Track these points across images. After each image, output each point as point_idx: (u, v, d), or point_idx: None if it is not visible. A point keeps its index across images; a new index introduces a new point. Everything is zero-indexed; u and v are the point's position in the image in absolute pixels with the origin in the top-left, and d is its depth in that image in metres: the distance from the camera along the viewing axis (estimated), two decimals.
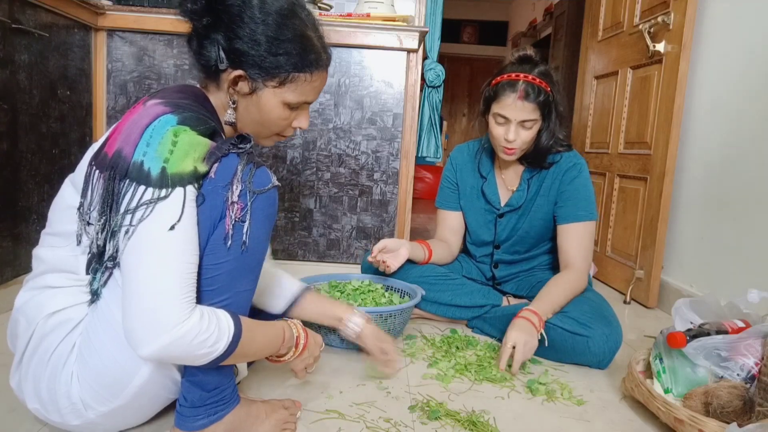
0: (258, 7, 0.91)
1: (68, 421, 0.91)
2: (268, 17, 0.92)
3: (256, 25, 0.91)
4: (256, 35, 0.91)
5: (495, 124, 1.57)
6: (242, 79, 0.95)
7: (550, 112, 1.55)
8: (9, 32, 1.55)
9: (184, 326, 0.79)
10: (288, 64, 0.94)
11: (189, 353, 0.81)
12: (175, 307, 0.79)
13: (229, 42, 0.92)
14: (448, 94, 7.55)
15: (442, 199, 1.84)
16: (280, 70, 0.94)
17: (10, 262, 1.61)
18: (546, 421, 1.16)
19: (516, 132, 1.53)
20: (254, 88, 0.95)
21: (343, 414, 1.13)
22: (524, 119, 1.52)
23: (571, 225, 1.60)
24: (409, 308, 1.52)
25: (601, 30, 2.65)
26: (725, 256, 1.84)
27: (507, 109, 1.52)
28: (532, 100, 1.50)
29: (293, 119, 1.02)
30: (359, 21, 2.13)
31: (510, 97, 1.50)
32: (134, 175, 0.82)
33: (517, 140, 1.54)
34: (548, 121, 1.56)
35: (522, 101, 1.50)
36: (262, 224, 0.90)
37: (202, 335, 0.81)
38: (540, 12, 5.77)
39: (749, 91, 1.77)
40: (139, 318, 0.79)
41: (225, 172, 0.87)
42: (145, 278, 0.79)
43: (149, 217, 0.80)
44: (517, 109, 1.51)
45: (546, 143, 1.58)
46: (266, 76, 0.94)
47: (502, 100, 1.52)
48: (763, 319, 1.20)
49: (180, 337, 0.79)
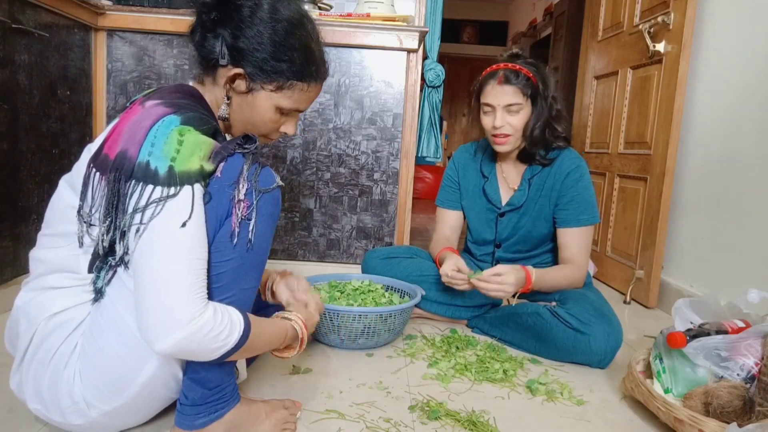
0: (269, 11, 0.94)
1: (70, 421, 0.91)
2: (278, 23, 0.94)
3: (265, 28, 0.93)
4: (263, 38, 0.94)
5: (483, 115, 1.61)
6: (241, 78, 0.96)
7: (536, 96, 1.57)
8: (9, 32, 1.55)
9: (200, 320, 0.80)
10: (289, 72, 0.97)
11: (203, 347, 0.82)
12: (191, 302, 0.80)
13: (234, 39, 0.94)
14: (448, 94, 7.54)
15: (444, 197, 1.85)
16: (280, 75, 0.97)
17: (10, 262, 1.61)
18: (546, 421, 1.16)
19: (502, 118, 1.56)
20: (251, 88, 0.98)
21: (343, 414, 1.13)
22: (508, 103, 1.55)
23: (572, 229, 1.61)
24: (409, 308, 1.52)
25: (601, 30, 2.65)
26: (725, 256, 1.84)
27: (489, 96, 1.57)
28: (513, 83, 1.54)
29: (282, 124, 1.05)
30: (359, 21, 2.13)
31: (491, 84, 1.56)
32: (140, 175, 0.82)
33: (505, 126, 1.57)
34: (536, 106, 1.57)
35: (502, 85, 1.54)
36: (267, 223, 0.92)
37: (216, 329, 0.82)
38: (540, 12, 5.78)
39: (749, 91, 1.77)
40: (154, 314, 0.79)
41: (231, 171, 0.88)
42: (160, 275, 0.80)
43: (160, 215, 0.81)
44: (497, 94, 1.55)
45: (538, 132, 1.58)
46: (265, 79, 0.97)
47: (485, 90, 1.58)
48: (763, 319, 1.20)
49: (195, 332, 0.80)
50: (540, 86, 1.56)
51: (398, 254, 1.82)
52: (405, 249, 1.87)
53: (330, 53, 1.07)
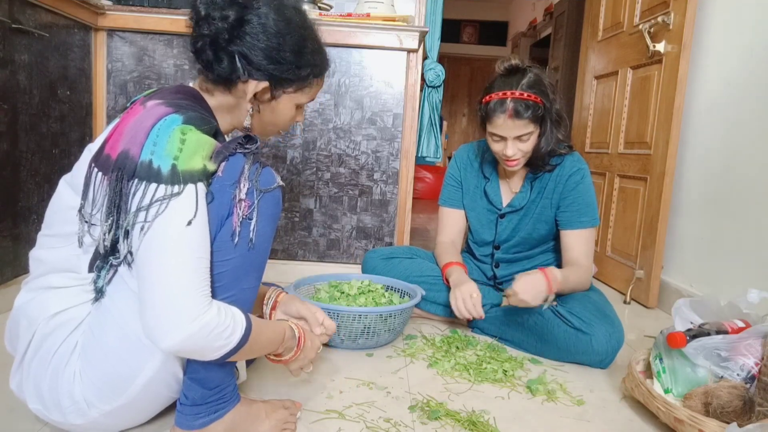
0: (283, 22, 0.95)
1: (71, 421, 0.91)
2: (293, 32, 0.96)
3: (282, 40, 0.95)
4: (282, 49, 0.95)
5: (492, 141, 1.58)
6: (266, 90, 0.98)
7: (545, 120, 1.54)
8: (9, 32, 1.55)
9: (204, 318, 0.80)
10: (311, 74, 1.01)
11: (207, 345, 0.82)
12: (195, 300, 0.80)
13: (253, 56, 0.94)
14: (448, 94, 7.55)
15: (446, 197, 1.84)
16: (302, 80, 1.01)
17: (10, 262, 1.61)
18: (546, 421, 1.16)
19: (513, 147, 1.54)
20: (274, 96, 1.00)
21: (343, 414, 1.13)
22: (519, 135, 1.52)
23: (574, 231, 1.61)
24: (409, 308, 1.52)
25: (601, 30, 2.65)
26: (725, 256, 1.84)
27: (499, 129, 1.52)
28: (523, 117, 1.49)
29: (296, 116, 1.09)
30: (359, 21, 2.13)
31: (500, 118, 1.50)
32: (143, 174, 0.82)
33: (517, 153, 1.55)
34: (545, 127, 1.55)
35: (512, 120, 1.49)
36: (268, 222, 0.92)
37: (219, 327, 0.82)
38: (540, 12, 5.78)
39: (749, 91, 1.77)
40: (159, 311, 0.79)
41: (232, 171, 0.88)
42: (165, 273, 0.80)
43: (164, 213, 0.81)
44: (509, 128, 1.51)
45: (546, 148, 1.57)
46: (287, 86, 1.00)
47: (494, 121, 1.52)
48: (763, 319, 1.20)
49: (200, 329, 0.80)
50: (547, 105, 1.53)
51: (398, 254, 1.82)
52: (405, 249, 1.87)
53: (330, 53, 1.08)
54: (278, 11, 0.95)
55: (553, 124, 1.56)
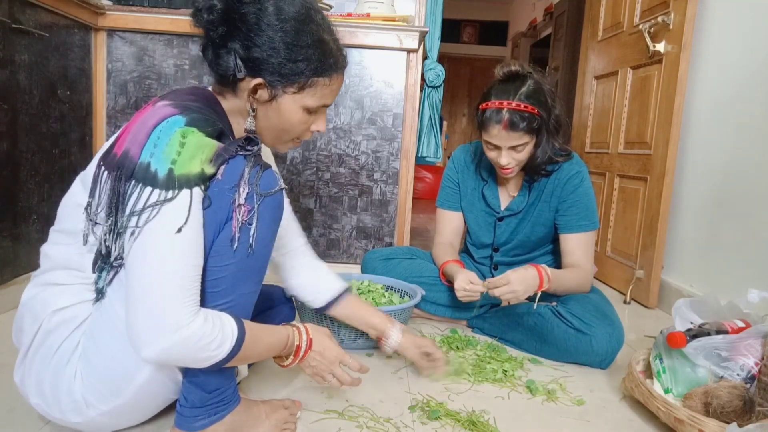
0: (275, 14, 0.90)
1: (69, 419, 0.91)
2: (286, 24, 0.90)
3: (275, 32, 0.90)
4: (275, 42, 0.90)
5: (487, 149, 1.56)
6: (261, 87, 0.93)
7: (541, 131, 1.52)
8: (9, 32, 1.55)
9: (188, 329, 0.79)
10: (308, 70, 0.93)
11: (191, 356, 0.81)
12: (179, 309, 0.79)
13: (247, 50, 0.90)
14: (448, 94, 7.55)
15: (444, 198, 1.83)
16: (299, 76, 0.93)
17: (10, 262, 1.61)
18: (546, 421, 1.16)
19: (508, 156, 1.52)
20: (273, 95, 0.94)
21: (343, 414, 1.13)
22: (513, 145, 1.50)
23: (574, 235, 1.61)
24: (409, 308, 1.52)
25: (601, 30, 2.65)
26: (725, 256, 1.84)
27: (494, 138, 1.50)
28: (518, 129, 1.46)
29: (312, 123, 1.01)
30: (359, 21, 2.13)
31: (495, 128, 1.48)
32: (140, 176, 0.81)
33: (511, 162, 1.53)
34: (541, 138, 1.53)
35: (507, 131, 1.47)
36: (269, 227, 0.90)
37: (205, 338, 0.81)
38: (540, 12, 5.78)
39: (749, 91, 1.77)
40: (142, 320, 0.79)
41: (232, 174, 0.86)
42: (149, 280, 0.79)
43: (155, 219, 0.80)
44: (503, 139, 1.49)
45: (542, 158, 1.55)
46: (286, 83, 0.93)
47: (489, 130, 1.50)
48: (763, 319, 1.20)
49: (182, 340, 0.79)
50: (544, 116, 1.50)
51: (398, 255, 1.82)
52: (404, 250, 1.87)
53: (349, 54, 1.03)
54: (275, 3, 0.91)
55: (550, 134, 1.53)
